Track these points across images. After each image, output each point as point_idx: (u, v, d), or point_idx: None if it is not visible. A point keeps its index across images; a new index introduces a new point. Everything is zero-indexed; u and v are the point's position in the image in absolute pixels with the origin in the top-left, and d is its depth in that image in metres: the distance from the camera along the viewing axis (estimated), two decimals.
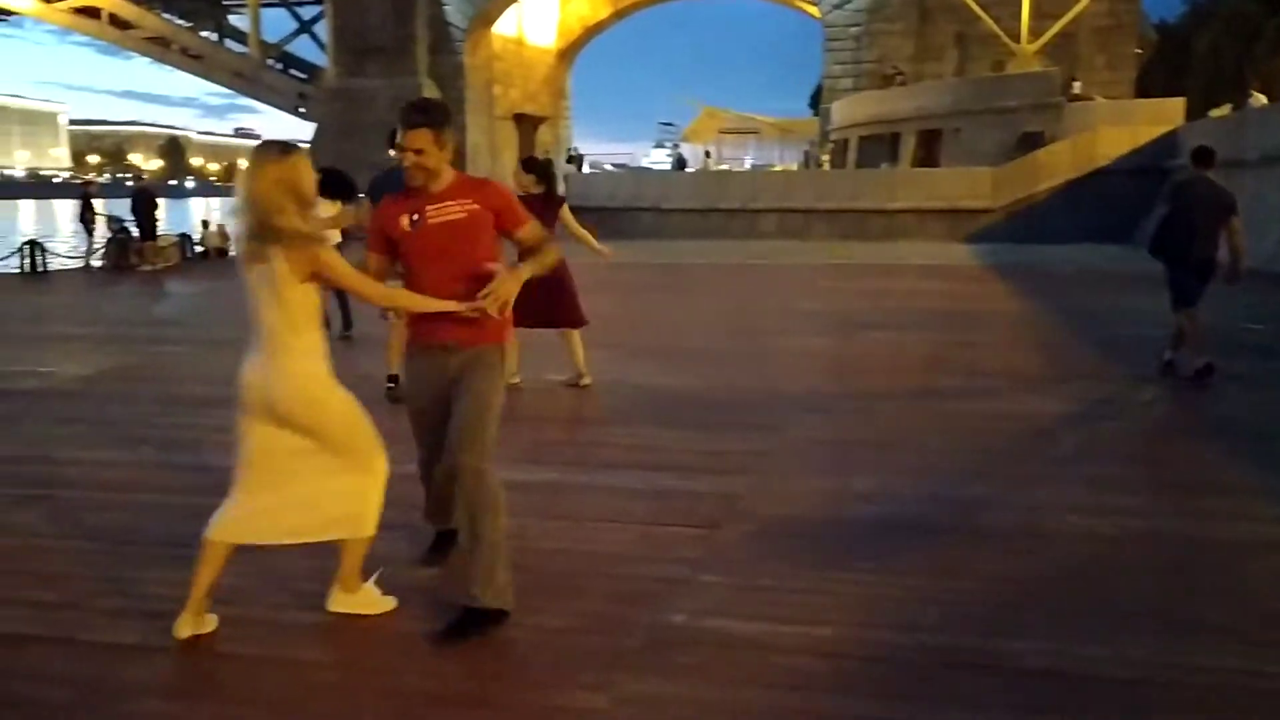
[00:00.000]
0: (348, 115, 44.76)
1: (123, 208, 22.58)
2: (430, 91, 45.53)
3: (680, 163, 44.02)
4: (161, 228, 21.99)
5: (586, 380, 7.92)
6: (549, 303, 7.35)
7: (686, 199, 30.98)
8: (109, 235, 21.74)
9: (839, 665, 3.51)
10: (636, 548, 4.60)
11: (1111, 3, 36.94)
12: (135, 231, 20.97)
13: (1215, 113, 27.91)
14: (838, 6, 41.07)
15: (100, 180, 76.54)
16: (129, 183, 69.63)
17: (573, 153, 45.97)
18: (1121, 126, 28.23)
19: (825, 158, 34.06)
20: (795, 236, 28.13)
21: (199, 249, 23.72)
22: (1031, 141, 29.28)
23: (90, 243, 21.63)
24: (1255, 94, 29.84)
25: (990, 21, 35.65)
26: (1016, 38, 35.11)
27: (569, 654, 3.61)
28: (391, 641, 3.73)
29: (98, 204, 22.37)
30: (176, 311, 15.11)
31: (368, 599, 3.89)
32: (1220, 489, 5.43)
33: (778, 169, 44.40)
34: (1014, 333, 11.18)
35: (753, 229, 29.85)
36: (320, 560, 3.91)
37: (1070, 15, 34.97)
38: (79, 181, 37.09)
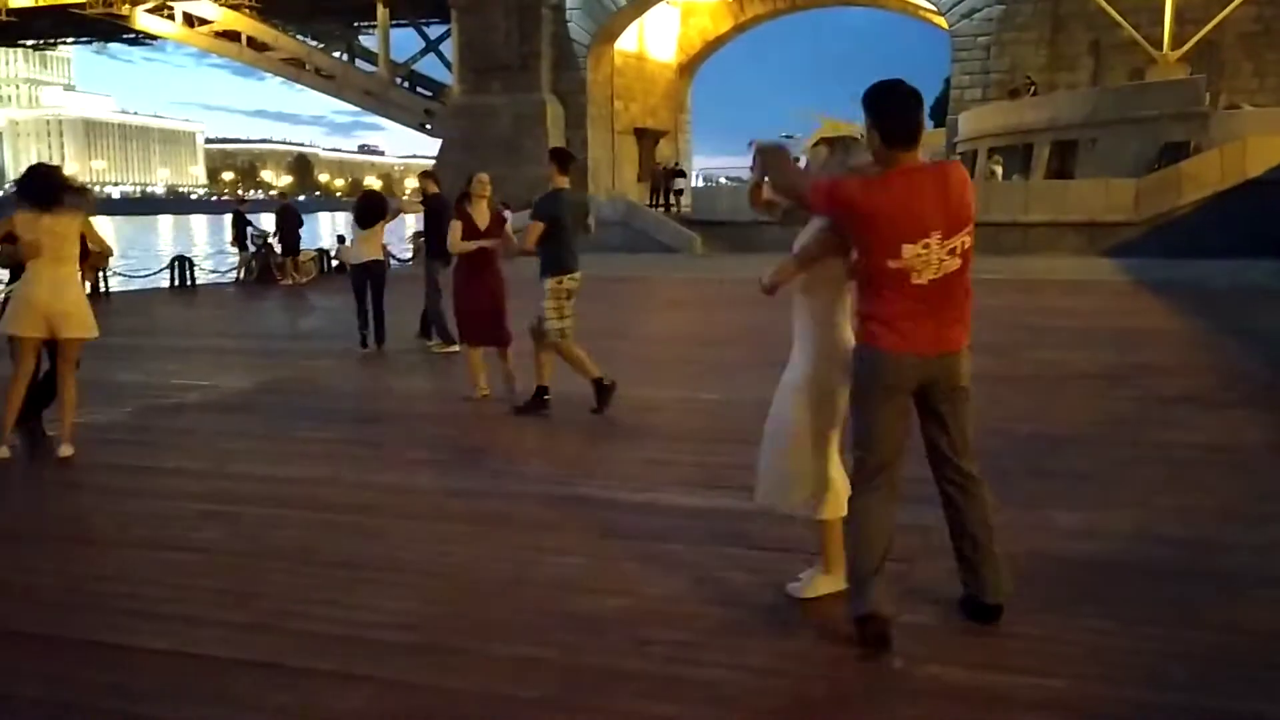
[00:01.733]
0: (472, 131, 45.60)
1: (265, 223, 23.36)
2: (553, 107, 46.10)
3: None
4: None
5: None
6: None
7: None
8: (253, 250, 22.45)
9: None
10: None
11: (1260, 7, 35.11)
12: (278, 247, 21.62)
13: None
14: (965, 16, 40.06)
15: (251, 197, 79.42)
16: (261, 198, 72.10)
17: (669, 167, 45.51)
18: (1274, 136, 26.75)
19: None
20: None
21: (335, 263, 24.30)
22: (1175, 152, 27.95)
23: (245, 257, 22.37)
24: None
25: (1130, 28, 34.26)
26: (1157, 45, 33.66)
27: (785, 698, 3.42)
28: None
29: (252, 219, 23.14)
30: (322, 325, 15.44)
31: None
32: None
33: None
34: (1186, 354, 10.55)
35: None
36: None
37: (1216, 20, 33.37)
38: (230, 199, 38.50)
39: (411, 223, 25.66)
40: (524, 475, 6.17)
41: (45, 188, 6.50)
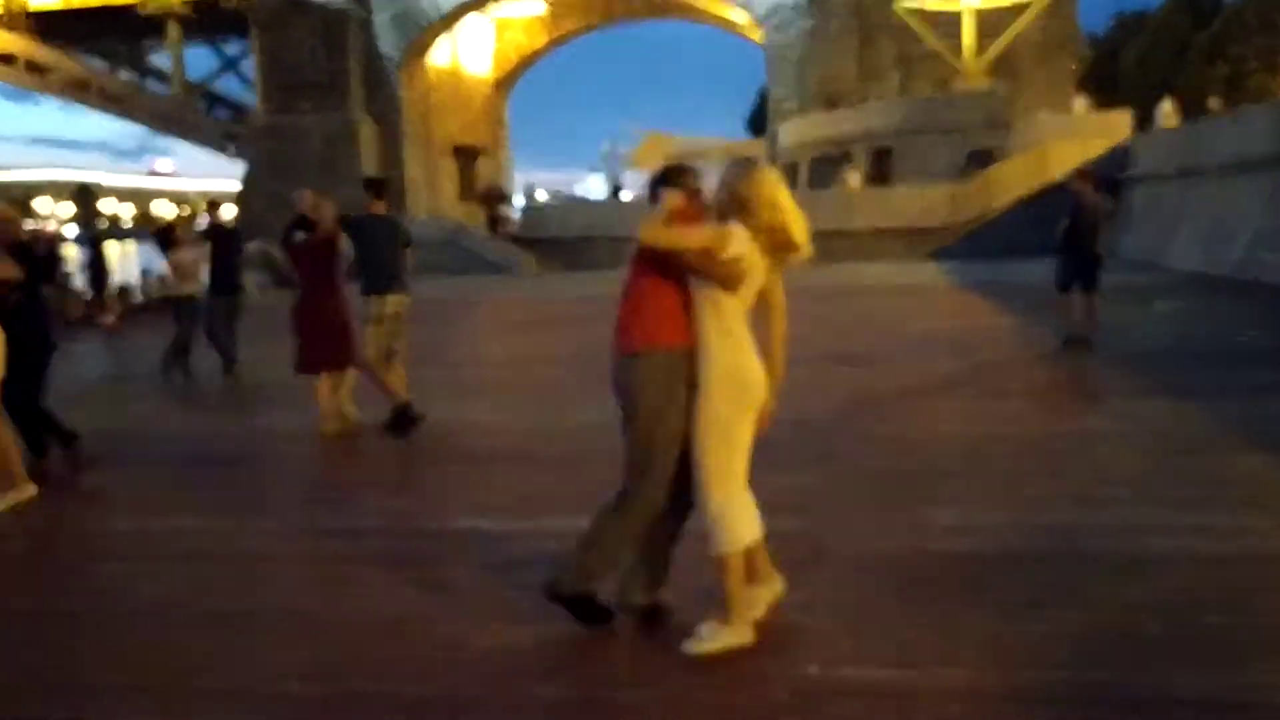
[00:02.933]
0: (280, 152, 44.03)
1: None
2: (367, 125, 45.02)
3: (616, 190, 43.96)
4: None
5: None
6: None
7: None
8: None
9: (991, 710, 3.35)
10: None
11: (1049, 19, 37.70)
12: (80, 283, 19.94)
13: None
14: (779, 29, 41.46)
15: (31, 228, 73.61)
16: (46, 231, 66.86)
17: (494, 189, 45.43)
18: (1071, 140, 28.72)
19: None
20: None
21: (140, 299, 22.25)
22: (981, 158, 29.67)
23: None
24: (1165, 106, 30.61)
25: (934, 41, 36.18)
26: (958, 56, 35.68)
27: (718, 713, 3.42)
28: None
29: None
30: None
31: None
32: None
33: None
34: (1020, 350, 11.10)
35: None
36: None
37: (1014, 30, 35.63)
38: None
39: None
40: (395, 511, 5.96)
41: None
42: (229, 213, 11.26)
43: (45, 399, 6.84)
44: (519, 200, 48.96)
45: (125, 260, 41.07)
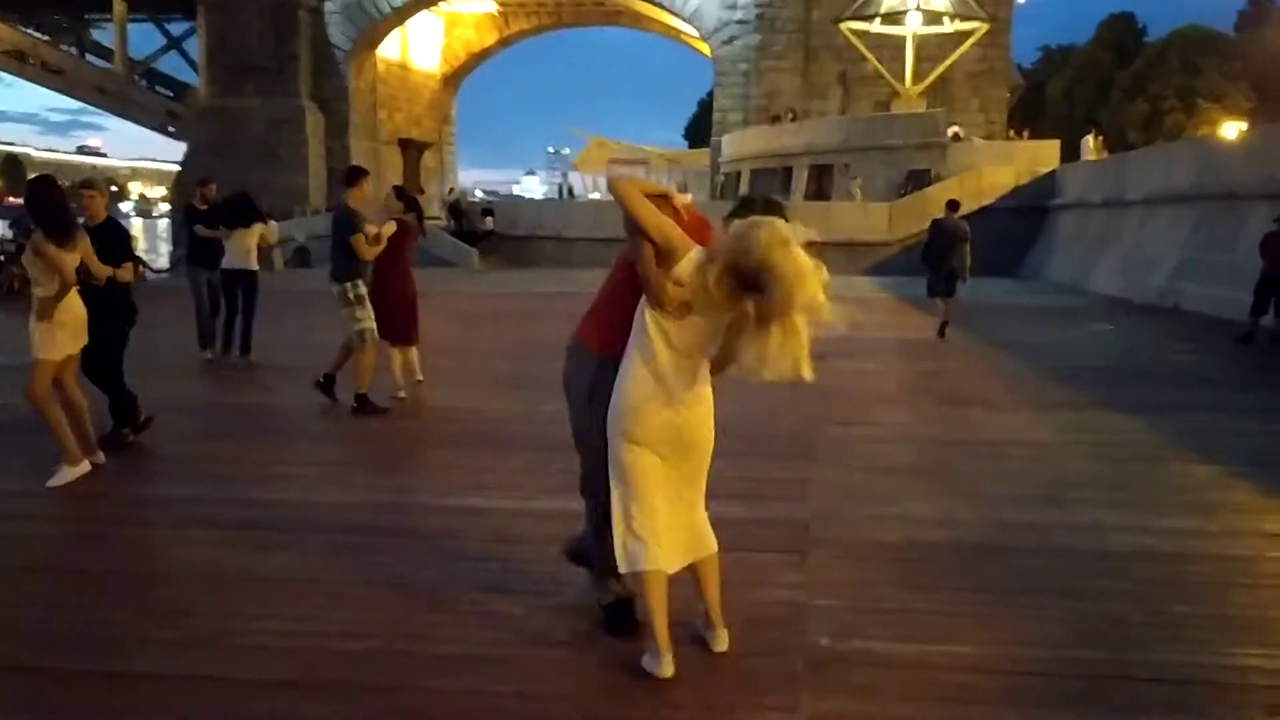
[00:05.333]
0: (223, 135, 43.31)
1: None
2: (313, 113, 44.58)
3: (567, 192, 44.23)
4: None
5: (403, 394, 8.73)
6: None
7: (590, 228, 31.18)
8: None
9: (999, 681, 3.68)
10: (739, 574, 4.59)
11: (984, 49, 38.86)
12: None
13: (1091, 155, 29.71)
14: (726, 43, 42.07)
15: None
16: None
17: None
18: (1003, 166, 29.74)
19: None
20: None
21: None
22: (919, 178, 30.53)
23: None
24: (1090, 140, 31.89)
25: (875, 62, 37.09)
26: (899, 79, 36.63)
27: (742, 678, 3.69)
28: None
29: None
30: None
31: None
32: (1238, 507, 5.84)
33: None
34: (968, 361, 11.68)
35: None
36: None
37: (952, 59, 36.70)
38: None
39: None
40: (411, 488, 6.19)
41: None
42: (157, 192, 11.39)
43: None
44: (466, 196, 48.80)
45: None
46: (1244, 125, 42.49)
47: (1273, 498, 5.97)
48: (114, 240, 6.93)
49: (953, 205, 14.56)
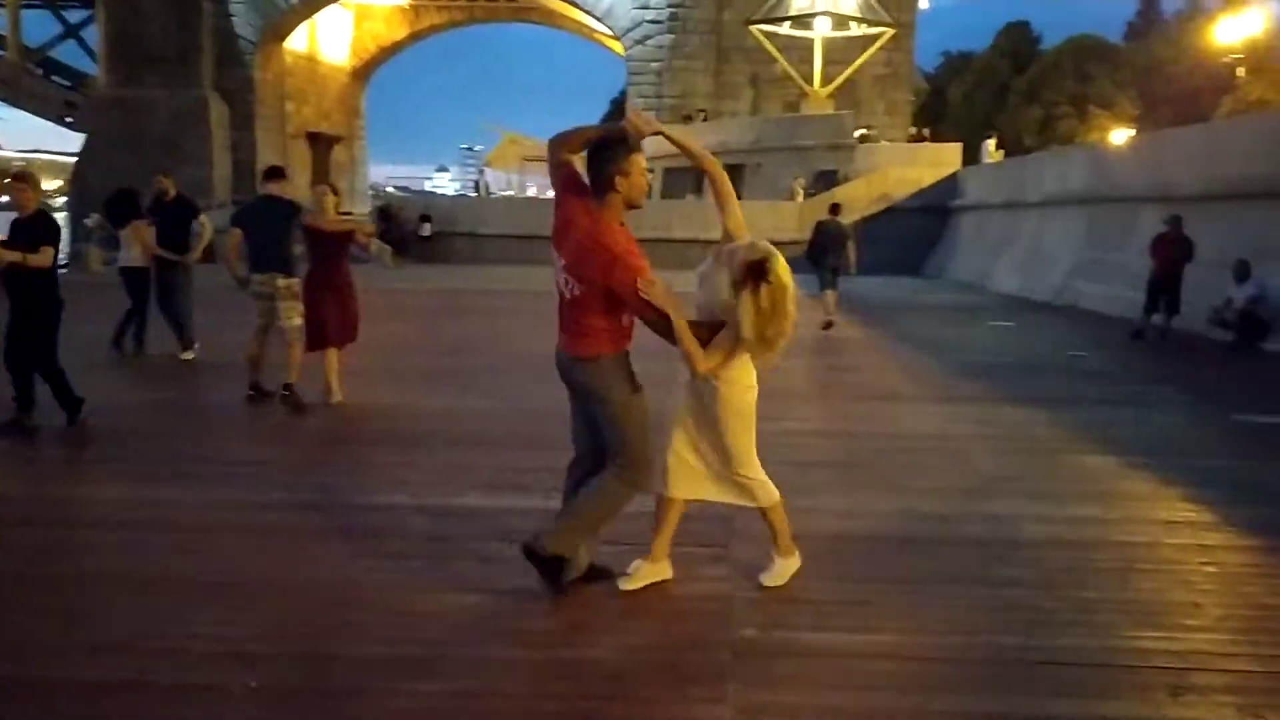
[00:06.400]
0: (124, 127, 41.87)
1: None
2: (218, 105, 43.42)
3: (484, 189, 43.90)
4: None
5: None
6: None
7: (505, 225, 31.02)
8: None
9: (918, 668, 3.80)
10: None
11: (889, 53, 39.69)
12: None
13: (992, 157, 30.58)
14: (639, 42, 42.19)
15: None
16: None
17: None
18: (908, 167, 30.44)
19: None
20: None
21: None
22: (828, 178, 31.04)
23: None
24: (991, 144, 32.85)
25: (785, 64, 37.60)
26: (808, 81, 37.20)
27: (669, 671, 3.74)
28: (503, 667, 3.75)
29: None
30: None
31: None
32: (1137, 496, 6.09)
33: None
34: (876, 358, 11.95)
35: None
36: None
37: (858, 62, 37.40)
38: None
39: None
40: (331, 487, 6.07)
41: None
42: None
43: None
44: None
45: None
46: (1131, 131, 44.32)
47: (1167, 486, 6.24)
48: (42, 232, 6.88)
49: (834, 209, 15.71)
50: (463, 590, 4.39)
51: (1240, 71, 47.16)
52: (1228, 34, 47.85)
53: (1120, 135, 40.95)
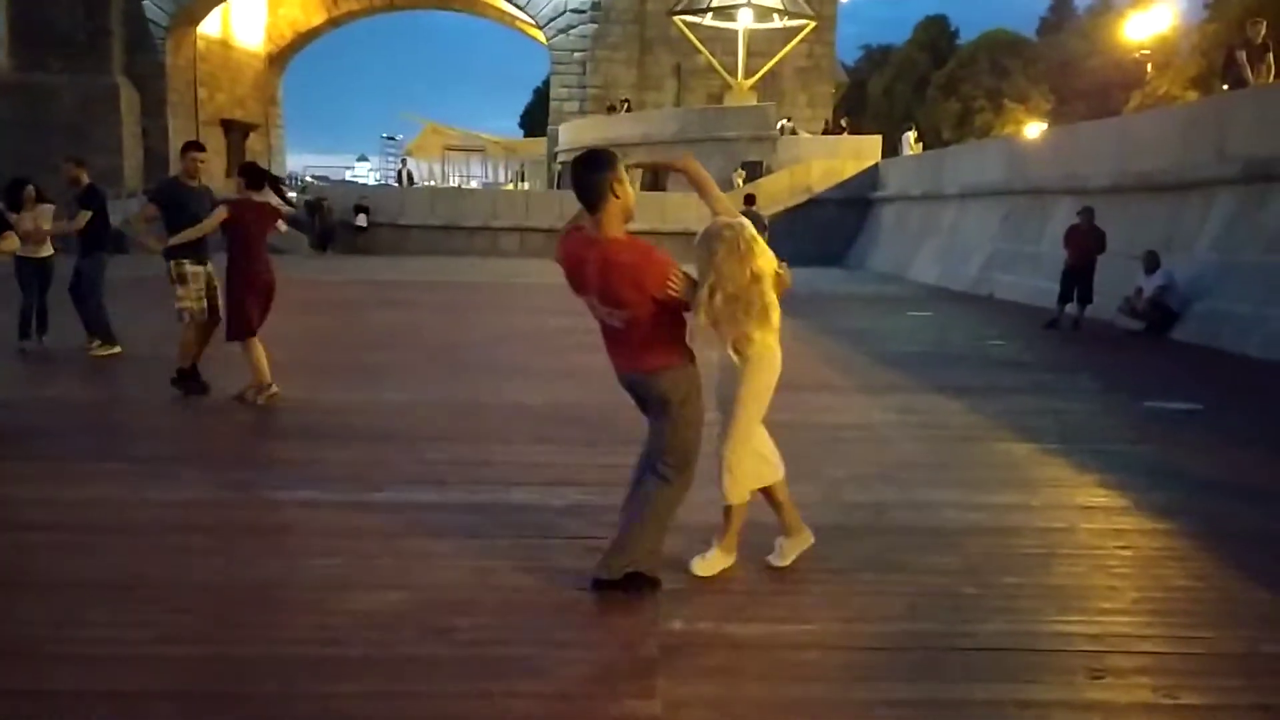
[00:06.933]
0: (27, 113, 40.37)
1: None
2: (128, 91, 42.12)
3: (406, 178, 43.30)
4: None
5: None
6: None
7: (426, 215, 30.62)
8: None
9: (843, 657, 3.81)
10: (589, 562, 4.62)
11: (811, 45, 40.05)
12: None
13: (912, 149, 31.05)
14: (562, 32, 41.96)
15: None
16: None
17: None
18: (829, 160, 30.78)
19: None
20: (538, 256, 28.44)
21: None
22: (752, 170, 31.25)
23: None
24: (910, 136, 33.41)
25: (708, 55, 37.73)
26: (731, 73, 37.37)
27: (599, 668, 3.69)
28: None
29: None
30: None
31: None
32: (1054, 482, 6.21)
33: (509, 188, 44.48)
34: (802, 347, 11.97)
35: (494, 247, 30.01)
36: None
37: (781, 54, 37.68)
38: None
39: None
40: (243, 483, 5.89)
41: None
42: None
43: None
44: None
45: None
46: (1044, 125, 45.42)
47: (1083, 473, 6.38)
48: None
49: (749, 199, 16.99)
50: (384, 588, 4.28)
51: (1149, 67, 48.60)
52: (1137, 30, 49.32)
53: (1034, 129, 41.88)
